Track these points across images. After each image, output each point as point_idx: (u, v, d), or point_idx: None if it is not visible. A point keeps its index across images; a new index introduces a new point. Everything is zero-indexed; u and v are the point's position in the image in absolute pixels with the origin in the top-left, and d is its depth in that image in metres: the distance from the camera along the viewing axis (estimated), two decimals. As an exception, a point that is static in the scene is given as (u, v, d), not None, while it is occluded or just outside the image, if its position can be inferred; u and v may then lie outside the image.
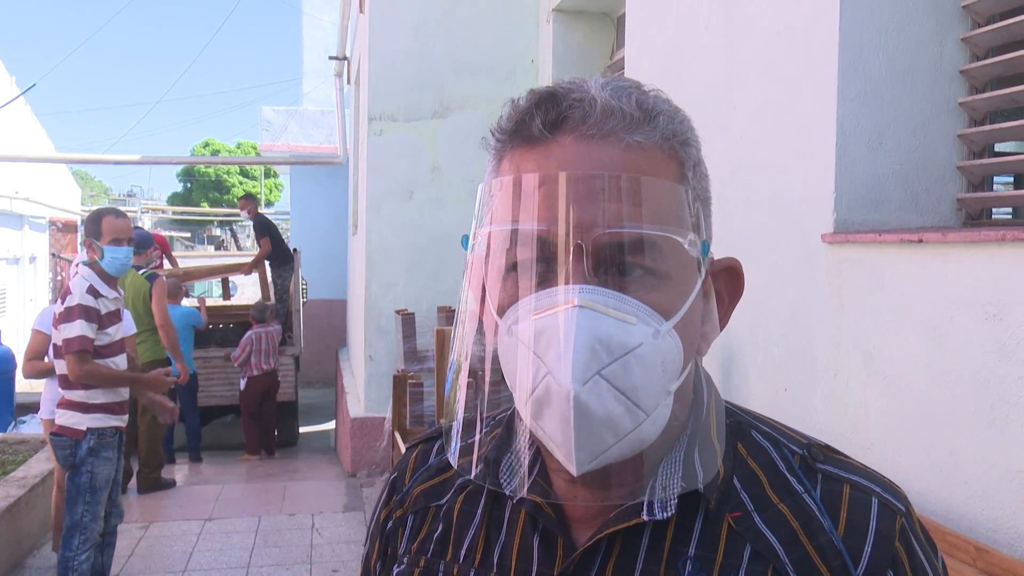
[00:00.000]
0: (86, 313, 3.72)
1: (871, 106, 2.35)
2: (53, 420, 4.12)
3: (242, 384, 8.53)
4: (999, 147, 2.52)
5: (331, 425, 10.35)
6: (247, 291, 12.98)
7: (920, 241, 2.06)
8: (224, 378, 8.97)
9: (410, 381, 5.03)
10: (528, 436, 0.71)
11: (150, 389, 4.15)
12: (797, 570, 0.68)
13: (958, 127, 2.36)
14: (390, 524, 0.85)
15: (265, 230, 9.87)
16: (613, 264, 0.66)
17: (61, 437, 3.76)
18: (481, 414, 0.74)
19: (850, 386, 2.33)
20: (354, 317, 8.97)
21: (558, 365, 0.62)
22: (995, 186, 2.57)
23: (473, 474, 0.74)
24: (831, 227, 2.38)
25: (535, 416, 0.65)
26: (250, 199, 10.23)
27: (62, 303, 3.73)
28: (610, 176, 0.65)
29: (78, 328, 3.69)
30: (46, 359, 4.46)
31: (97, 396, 3.78)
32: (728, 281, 0.77)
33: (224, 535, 5.48)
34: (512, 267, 0.68)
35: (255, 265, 9.94)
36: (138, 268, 6.32)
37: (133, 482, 6.49)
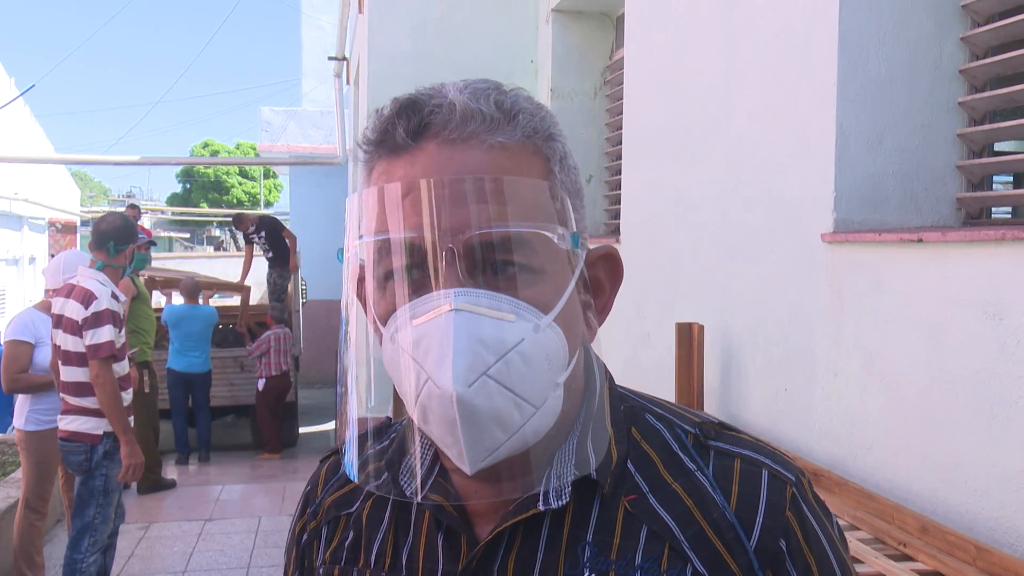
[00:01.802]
0: (113, 318, 3.71)
1: (871, 106, 2.35)
2: (35, 431, 4.17)
3: (260, 385, 8.55)
4: (999, 146, 2.52)
5: (331, 426, 10.35)
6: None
7: (920, 241, 2.06)
8: (224, 379, 8.96)
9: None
10: (425, 438, 0.73)
11: (128, 443, 3.79)
12: (693, 546, 0.69)
13: (958, 127, 2.36)
14: (305, 537, 0.86)
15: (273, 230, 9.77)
16: (486, 264, 0.66)
17: (74, 443, 3.74)
18: (375, 426, 0.75)
19: (850, 386, 2.33)
20: (354, 318, 8.94)
21: (439, 370, 0.63)
22: (995, 185, 2.56)
23: (373, 485, 0.75)
24: (831, 227, 2.38)
25: (422, 421, 0.66)
26: (242, 219, 9.93)
27: (85, 309, 3.66)
28: (473, 179, 0.67)
29: (107, 333, 3.67)
30: (31, 370, 4.31)
31: None
32: (607, 268, 0.78)
33: (224, 535, 5.48)
34: (387, 276, 0.69)
35: (246, 270, 9.91)
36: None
37: (133, 483, 6.49)
